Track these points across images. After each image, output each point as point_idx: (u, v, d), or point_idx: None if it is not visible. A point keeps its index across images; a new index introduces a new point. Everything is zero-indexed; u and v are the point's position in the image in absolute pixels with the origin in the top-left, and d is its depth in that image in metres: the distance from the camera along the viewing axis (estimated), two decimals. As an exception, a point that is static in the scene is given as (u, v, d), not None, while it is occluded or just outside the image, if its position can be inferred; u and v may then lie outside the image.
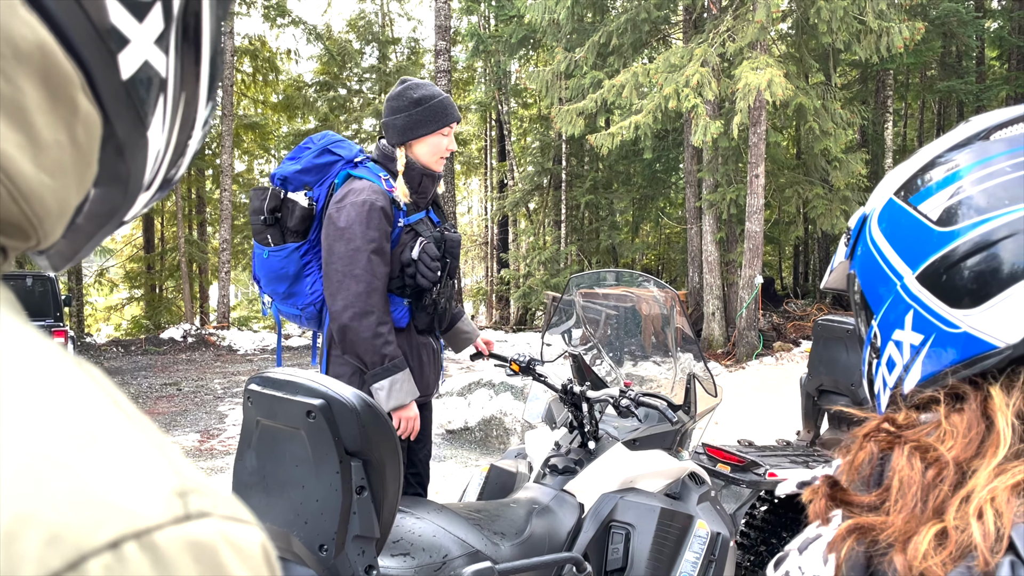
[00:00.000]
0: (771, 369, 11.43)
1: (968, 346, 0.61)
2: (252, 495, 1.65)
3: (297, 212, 2.61)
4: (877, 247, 0.71)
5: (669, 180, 19.98)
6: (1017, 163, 0.62)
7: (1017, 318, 0.59)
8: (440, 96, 2.70)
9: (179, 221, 19.27)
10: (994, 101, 17.67)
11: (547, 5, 13.56)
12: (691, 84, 11.11)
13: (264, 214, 2.60)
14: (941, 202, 0.65)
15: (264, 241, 2.65)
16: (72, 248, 0.33)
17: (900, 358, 0.67)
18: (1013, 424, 0.56)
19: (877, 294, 0.71)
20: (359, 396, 1.55)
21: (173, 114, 0.33)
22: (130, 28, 0.29)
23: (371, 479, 1.54)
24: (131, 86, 0.30)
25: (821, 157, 13.59)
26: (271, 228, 2.62)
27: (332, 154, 2.66)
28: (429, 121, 2.66)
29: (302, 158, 2.65)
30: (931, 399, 0.63)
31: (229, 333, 16.05)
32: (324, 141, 2.68)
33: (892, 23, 11.58)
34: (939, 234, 0.64)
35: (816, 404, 3.84)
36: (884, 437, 0.62)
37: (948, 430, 0.59)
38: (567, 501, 2.46)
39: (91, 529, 0.23)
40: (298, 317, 2.75)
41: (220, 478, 6.19)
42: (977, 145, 0.66)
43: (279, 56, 22.71)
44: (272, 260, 2.66)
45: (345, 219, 2.52)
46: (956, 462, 0.56)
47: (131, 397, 6.93)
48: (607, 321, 3.68)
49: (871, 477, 0.62)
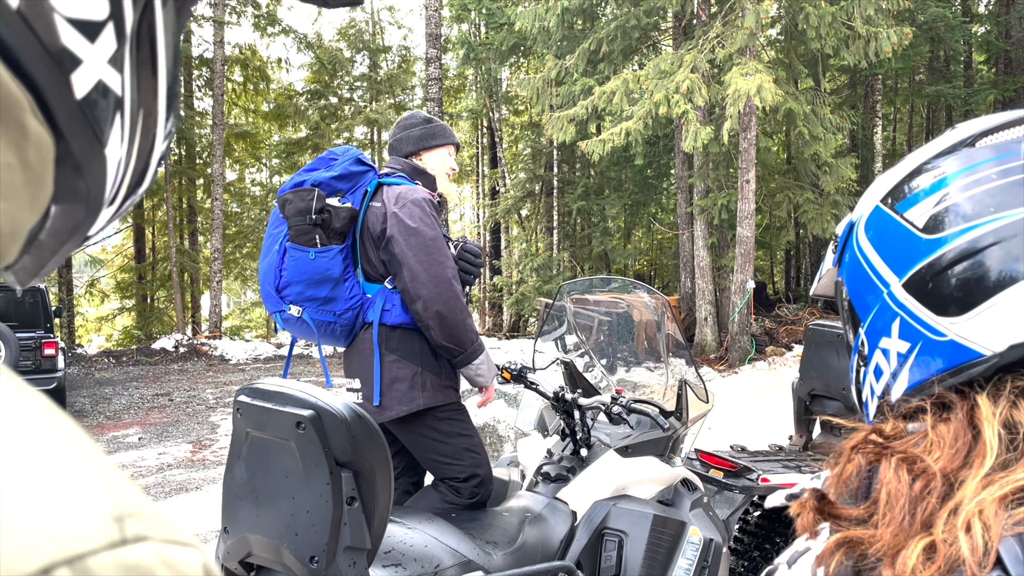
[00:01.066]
0: (764, 374, 11.45)
1: (955, 354, 0.61)
2: (242, 507, 1.64)
3: (344, 214, 2.63)
4: (864, 254, 0.71)
5: (660, 186, 20.04)
6: (1003, 170, 0.62)
7: (1003, 326, 0.59)
8: (444, 122, 2.97)
9: (170, 231, 19.20)
10: (982, 105, 17.79)
11: (537, 13, 13.60)
12: (681, 90, 11.15)
13: (312, 214, 2.57)
14: (927, 209, 0.65)
15: (311, 242, 2.60)
16: (37, 263, 0.34)
17: (887, 366, 0.67)
18: (1000, 434, 0.56)
19: (864, 301, 0.70)
20: (349, 407, 1.55)
21: (132, 129, 0.34)
22: (82, 49, 0.29)
23: (361, 490, 1.54)
24: (86, 105, 0.30)
25: (811, 162, 13.66)
26: (318, 228, 2.60)
27: (364, 164, 2.73)
28: (439, 135, 2.87)
29: (336, 165, 2.68)
30: (918, 408, 0.63)
31: (221, 343, 15.99)
32: (353, 152, 2.75)
33: (880, 28, 11.66)
34: (925, 241, 0.64)
35: (808, 408, 3.85)
36: (872, 449, 0.62)
37: (935, 441, 0.58)
38: (559, 509, 2.46)
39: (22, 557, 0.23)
40: (331, 325, 2.68)
41: (213, 489, 6.17)
42: (963, 152, 0.66)
43: (270, 65, 22.70)
44: (319, 261, 2.61)
45: (412, 216, 2.58)
46: (943, 473, 0.56)
47: (123, 408, 6.85)
48: (599, 328, 3.69)
49: (859, 490, 0.61)
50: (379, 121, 20.92)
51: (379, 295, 2.66)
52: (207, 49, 19.57)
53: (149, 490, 6.27)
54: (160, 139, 0.36)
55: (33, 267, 0.34)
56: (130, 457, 7.44)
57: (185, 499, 6.02)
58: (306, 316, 2.65)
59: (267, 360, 15.18)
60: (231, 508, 1.66)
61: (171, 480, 6.58)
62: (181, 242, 20.73)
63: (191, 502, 5.90)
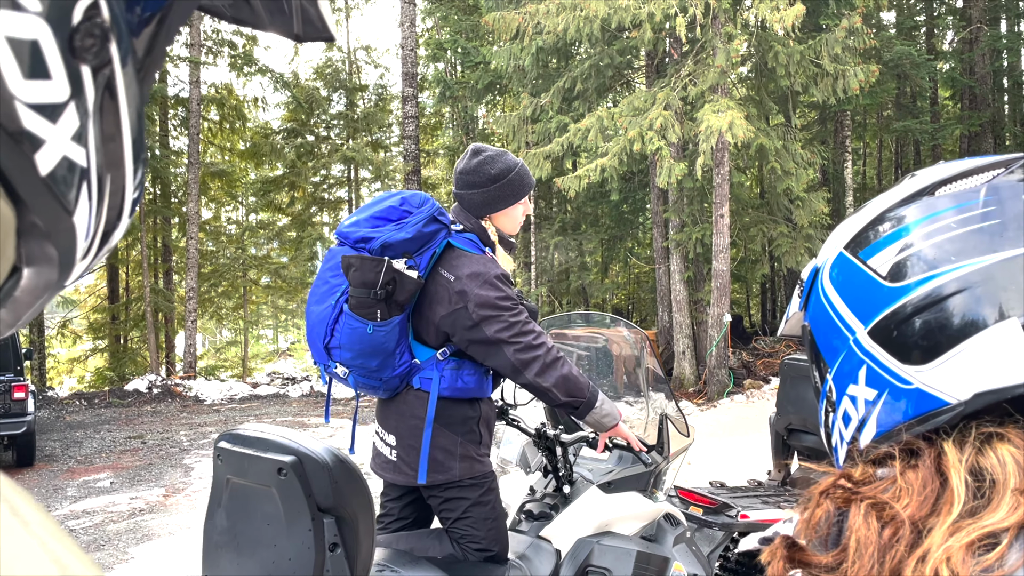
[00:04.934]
0: (742, 407, 11.49)
1: (921, 402, 0.61)
2: (223, 555, 1.61)
3: (410, 286, 2.43)
4: (829, 301, 0.71)
5: (636, 220, 20.22)
6: (963, 219, 0.63)
7: (968, 374, 0.59)
8: (516, 167, 2.62)
9: (144, 270, 19.01)
10: (949, 139, 18.23)
11: (512, 52, 13.80)
12: (655, 127, 11.33)
13: (379, 288, 2.39)
14: (890, 257, 0.66)
15: (372, 316, 2.42)
16: (14, 316, 0.34)
17: (856, 413, 0.67)
18: (966, 480, 0.56)
19: (831, 347, 0.70)
20: (331, 452, 1.54)
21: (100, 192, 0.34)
22: (44, 130, 0.30)
23: (344, 535, 1.52)
24: (51, 180, 0.31)
25: (784, 196, 13.87)
26: (381, 303, 2.42)
27: (438, 223, 2.50)
28: (508, 196, 2.60)
29: (408, 225, 2.46)
30: (887, 454, 0.63)
31: (196, 383, 15.78)
32: (430, 208, 2.51)
33: (847, 66, 11.95)
34: (889, 289, 0.65)
35: (786, 443, 3.87)
36: (840, 494, 0.62)
37: (904, 487, 0.59)
38: (543, 548, 2.44)
39: None
40: (375, 388, 2.55)
41: (186, 535, 6.04)
42: (924, 201, 0.67)
43: (246, 104, 22.73)
44: (376, 335, 2.43)
45: (493, 292, 2.42)
46: (912, 521, 0.56)
47: (94, 451, 6.74)
48: (578, 362, 3.69)
49: (829, 536, 0.61)
50: (356, 159, 20.99)
51: (431, 365, 2.50)
52: (183, 89, 19.59)
53: (120, 537, 6.13)
54: (130, 191, 0.37)
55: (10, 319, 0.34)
56: (100, 503, 7.28)
57: (157, 545, 5.89)
58: (351, 380, 2.52)
59: (243, 400, 14.99)
60: (212, 556, 1.63)
61: (142, 526, 6.44)
62: (155, 281, 20.53)
63: (163, 549, 5.78)
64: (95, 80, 0.32)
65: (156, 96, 18.58)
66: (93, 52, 0.31)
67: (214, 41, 19.23)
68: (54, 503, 7.33)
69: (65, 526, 6.51)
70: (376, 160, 21.00)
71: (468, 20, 18.48)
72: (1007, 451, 0.56)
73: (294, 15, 0.41)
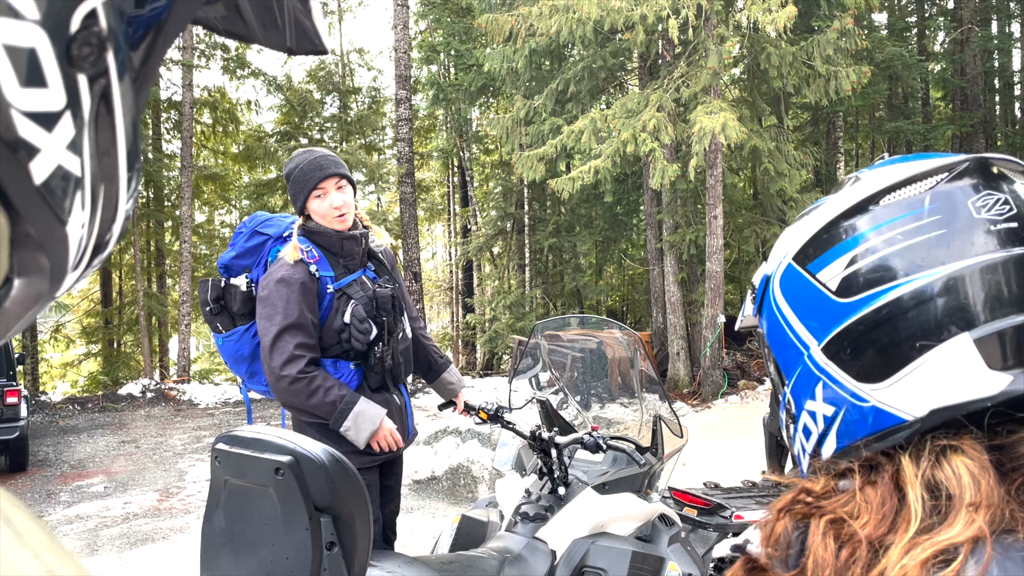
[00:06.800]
0: (736, 408, 11.52)
1: (878, 420, 0.61)
2: (221, 556, 1.62)
3: (239, 296, 2.75)
4: (782, 313, 0.70)
5: (630, 222, 20.26)
6: (908, 230, 0.62)
7: (924, 391, 0.59)
8: (309, 159, 2.77)
9: (138, 274, 18.95)
10: (940, 140, 18.29)
11: (505, 54, 13.81)
12: (648, 129, 11.35)
13: (210, 304, 2.75)
14: (839, 271, 0.65)
15: (216, 328, 2.81)
16: (4, 327, 0.34)
17: (815, 427, 0.67)
18: (923, 497, 0.56)
19: (787, 358, 0.70)
20: (328, 452, 1.54)
21: (94, 202, 0.34)
22: (39, 138, 0.30)
23: (341, 535, 1.53)
24: (45, 189, 0.31)
25: (777, 197, 13.90)
26: (219, 316, 2.76)
27: (261, 235, 2.79)
28: (298, 193, 2.76)
29: (236, 244, 2.80)
30: (848, 468, 0.63)
31: (190, 387, 15.73)
32: (252, 223, 2.82)
33: (839, 67, 12.00)
34: (840, 305, 0.64)
35: (780, 443, 3.88)
36: (800, 509, 0.62)
37: (863, 505, 0.59)
38: (539, 549, 2.45)
39: None
40: (267, 393, 2.82)
41: (180, 539, 6.03)
42: (869, 212, 0.65)
43: (239, 107, 22.69)
44: (228, 345, 2.79)
45: (267, 296, 2.63)
46: (869, 540, 0.56)
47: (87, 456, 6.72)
48: (573, 365, 3.71)
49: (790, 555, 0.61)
50: (350, 162, 20.96)
51: None
52: (176, 92, 19.56)
53: (113, 542, 6.11)
54: (124, 201, 0.37)
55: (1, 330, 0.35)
56: (94, 508, 7.26)
57: (151, 550, 5.87)
58: (242, 389, 2.92)
59: (237, 404, 14.94)
60: (210, 557, 1.64)
61: (136, 531, 6.42)
62: (149, 285, 20.48)
63: (157, 553, 5.76)
64: (91, 89, 0.31)
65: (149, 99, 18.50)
66: (90, 61, 0.31)
67: (207, 44, 19.19)
68: (47, 508, 7.30)
69: (58, 532, 6.49)
70: (370, 163, 20.99)
71: (461, 22, 18.50)
72: (961, 463, 0.56)
73: (287, 29, 0.40)
